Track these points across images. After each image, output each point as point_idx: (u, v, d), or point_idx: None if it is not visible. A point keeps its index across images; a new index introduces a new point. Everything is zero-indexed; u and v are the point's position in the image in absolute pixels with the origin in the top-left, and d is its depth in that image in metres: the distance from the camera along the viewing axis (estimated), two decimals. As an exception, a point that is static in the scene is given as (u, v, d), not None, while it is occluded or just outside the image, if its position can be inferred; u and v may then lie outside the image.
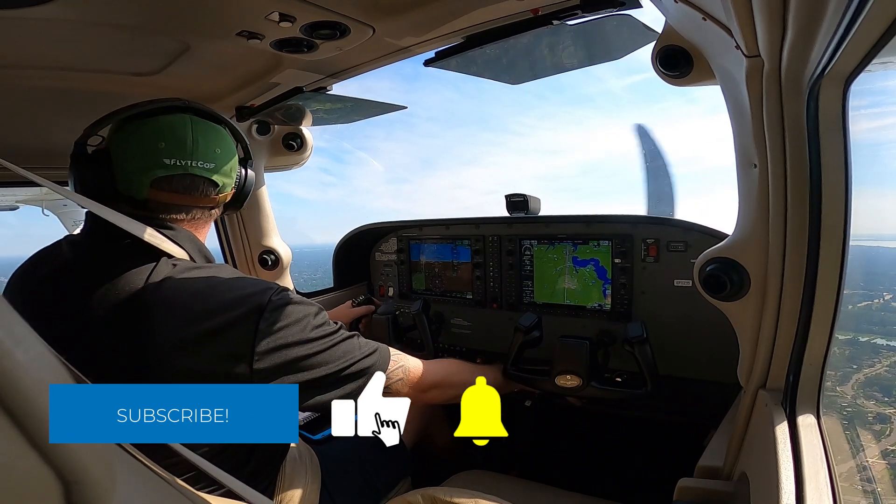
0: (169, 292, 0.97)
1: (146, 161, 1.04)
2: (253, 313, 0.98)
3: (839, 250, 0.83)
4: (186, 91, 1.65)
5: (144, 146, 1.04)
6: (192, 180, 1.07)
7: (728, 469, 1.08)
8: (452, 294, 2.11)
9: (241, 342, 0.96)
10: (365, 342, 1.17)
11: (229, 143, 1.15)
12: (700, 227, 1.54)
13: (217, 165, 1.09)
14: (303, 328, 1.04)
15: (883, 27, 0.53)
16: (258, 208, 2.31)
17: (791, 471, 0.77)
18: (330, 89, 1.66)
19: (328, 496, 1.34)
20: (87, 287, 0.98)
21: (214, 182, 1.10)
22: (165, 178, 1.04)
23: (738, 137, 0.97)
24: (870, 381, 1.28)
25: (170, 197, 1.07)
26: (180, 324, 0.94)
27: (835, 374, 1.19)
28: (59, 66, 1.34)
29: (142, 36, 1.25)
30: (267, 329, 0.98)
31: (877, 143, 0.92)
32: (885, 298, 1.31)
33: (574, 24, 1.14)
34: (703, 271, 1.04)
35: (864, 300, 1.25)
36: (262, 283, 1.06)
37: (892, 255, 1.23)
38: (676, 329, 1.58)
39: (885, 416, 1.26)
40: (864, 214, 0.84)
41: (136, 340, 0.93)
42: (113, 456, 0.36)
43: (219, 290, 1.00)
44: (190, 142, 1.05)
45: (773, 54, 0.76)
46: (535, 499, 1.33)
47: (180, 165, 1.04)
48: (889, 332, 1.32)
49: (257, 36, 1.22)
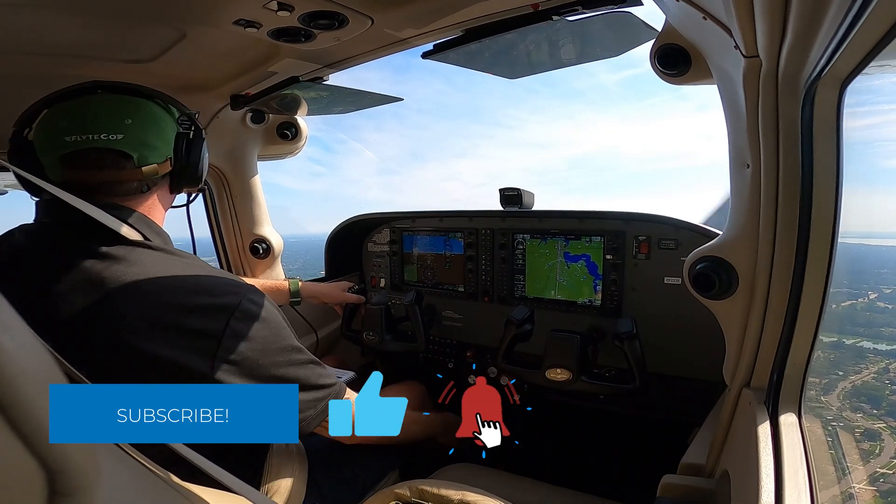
0: (136, 279, 0.95)
1: (51, 142, 1.01)
2: (224, 312, 0.97)
3: (827, 253, 0.84)
4: (180, 79, 1.63)
5: (49, 128, 1.02)
6: (98, 153, 1.01)
7: (710, 466, 1.09)
8: (444, 286, 2.12)
9: (207, 338, 0.95)
10: (325, 372, 1.16)
11: (151, 115, 1.08)
12: (691, 226, 1.55)
13: (126, 135, 1.02)
14: (271, 336, 1.03)
15: (883, 30, 0.53)
16: (251, 197, 2.30)
17: (771, 469, 0.78)
18: (326, 79, 1.64)
19: (315, 487, 1.34)
20: (44, 274, 0.97)
21: (125, 153, 1.03)
22: (70, 155, 1.00)
23: (733, 138, 0.97)
24: (856, 391, 1.24)
25: (82, 175, 1.02)
26: (149, 311, 0.94)
27: (819, 381, 1.15)
28: (52, 52, 1.32)
29: (138, 23, 1.23)
30: (235, 330, 0.97)
31: (869, 140, 0.92)
32: (869, 297, 1.29)
33: (574, 20, 1.14)
34: (693, 269, 1.05)
35: (848, 299, 1.23)
36: (237, 284, 1.05)
37: (878, 254, 1.22)
38: (665, 326, 1.59)
39: (875, 432, 1.20)
40: (853, 212, 0.84)
41: (100, 326, 0.93)
42: (96, 445, 0.36)
43: (190, 283, 0.99)
44: (91, 115, 1.00)
45: (771, 55, 0.76)
46: (521, 493, 1.34)
47: (81, 140, 0.99)
48: (876, 334, 1.30)
49: (255, 24, 1.20)
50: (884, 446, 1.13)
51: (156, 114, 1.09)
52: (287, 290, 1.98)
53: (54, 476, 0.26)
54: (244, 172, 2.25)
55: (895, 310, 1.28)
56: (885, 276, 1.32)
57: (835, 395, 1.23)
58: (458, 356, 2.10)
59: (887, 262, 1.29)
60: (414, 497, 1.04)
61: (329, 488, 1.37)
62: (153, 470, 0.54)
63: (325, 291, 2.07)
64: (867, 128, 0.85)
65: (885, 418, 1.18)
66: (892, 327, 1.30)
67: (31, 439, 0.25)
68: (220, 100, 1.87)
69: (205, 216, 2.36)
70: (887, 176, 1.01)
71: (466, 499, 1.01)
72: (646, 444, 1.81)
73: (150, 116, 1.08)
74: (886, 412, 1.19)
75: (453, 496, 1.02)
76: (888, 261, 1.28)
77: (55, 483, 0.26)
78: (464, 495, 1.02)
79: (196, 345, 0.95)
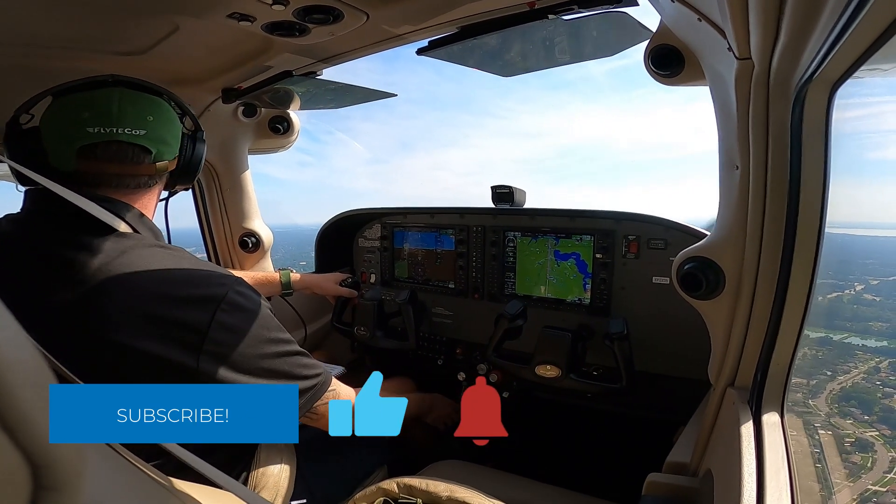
0: (124, 271, 0.95)
1: (70, 132, 1.01)
2: (210, 304, 0.97)
3: (812, 255, 0.85)
4: (172, 72, 1.61)
5: (68, 118, 1.02)
6: (120, 147, 1.03)
7: (694, 465, 1.11)
8: (434, 283, 2.12)
9: (193, 331, 0.95)
10: (312, 362, 1.16)
11: (167, 113, 1.11)
12: (681, 226, 1.56)
13: (149, 132, 1.05)
14: (258, 327, 1.03)
15: (875, 34, 0.54)
16: (241, 190, 2.28)
17: (753, 469, 0.79)
18: (320, 74, 1.63)
19: (304, 482, 1.33)
20: (31, 264, 0.97)
21: (146, 148, 1.06)
22: (90, 146, 1.00)
23: (723, 139, 0.98)
24: (846, 394, 1.19)
25: (98, 166, 1.03)
26: (137, 305, 0.93)
27: (807, 382, 1.12)
28: (43, 43, 1.30)
29: (130, 15, 1.21)
30: (221, 322, 0.97)
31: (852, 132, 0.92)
32: (856, 289, 1.25)
33: (569, 19, 1.14)
34: (681, 269, 1.06)
35: (833, 291, 1.18)
36: (223, 275, 1.05)
37: (864, 244, 1.17)
38: (653, 325, 1.61)
39: (866, 442, 1.11)
40: (836, 202, 0.84)
41: (85, 320, 0.92)
42: None
43: (178, 275, 0.99)
44: (115, 109, 1.02)
45: (763, 57, 0.77)
46: (509, 490, 1.34)
47: (105, 133, 1.00)
48: (865, 329, 1.25)
49: (249, 18, 1.19)
50: (876, 458, 1.08)
51: (170, 112, 1.12)
52: (278, 282, 1.98)
53: (39, 470, 0.26)
54: (235, 166, 2.24)
55: (884, 303, 1.25)
56: (871, 266, 1.29)
57: (822, 399, 1.19)
58: (448, 353, 2.10)
59: (873, 252, 1.25)
60: (402, 493, 1.04)
61: (317, 484, 1.37)
62: (138, 465, 0.54)
63: (318, 283, 2.07)
64: (853, 119, 0.84)
65: (877, 425, 1.13)
66: (882, 321, 1.26)
67: (15, 433, 0.25)
68: (211, 93, 1.85)
69: (193, 210, 2.34)
70: (872, 167, 1.01)
71: (455, 495, 1.01)
72: (633, 442, 1.83)
73: (167, 114, 1.11)
74: (879, 418, 1.14)
75: (441, 492, 1.02)
76: (874, 251, 1.24)
77: (41, 477, 0.26)
78: (452, 492, 1.02)
79: (182, 338, 0.95)
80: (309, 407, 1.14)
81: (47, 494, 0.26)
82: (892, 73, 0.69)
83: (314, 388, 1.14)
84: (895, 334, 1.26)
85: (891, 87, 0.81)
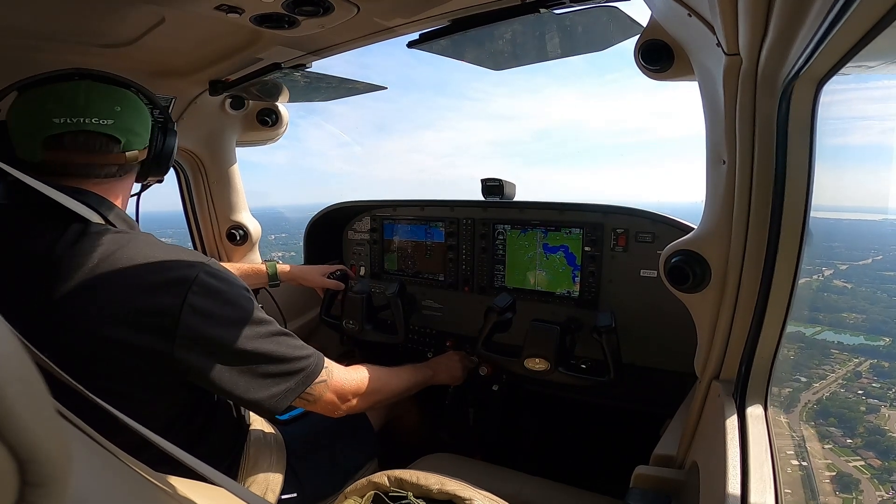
0: (97, 263, 0.94)
1: (37, 123, 1.00)
2: (180, 287, 0.96)
3: (796, 249, 0.87)
4: (157, 63, 1.59)
5: (34, 109, 1.01)
6: (88, 136, 1.02)
7: (681, 458, 1.12)
8: (424, 276, 2.11)
9: (165, 316, 0.94)
10: (300, 343, 1.15)
11: (135, 103, 1.10)
12: (668, 220, 1.58)
13: (117, 121, 1.05)
14: (232, 309, 1.02)
15: (861, 32, 0.54)
16: (228, 183, 2.26)
17: (738, 461, 0.80)
18: (309, 66, 1.61)
19: (294, 477, 1.33)
20: (4, 259, 0.96)
21: (115, 138, 1.05)
22: (57, 136, 1.00)
23: (711, 134, 0.99)
24: (823, 408, 1.09)
25: (66, 156, 1.02)
26: (111, 297, 0.93)
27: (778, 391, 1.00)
28: (25, 35, 1.27)
29: (115, 6, 1.18)
30: (193, 305, 0.96)
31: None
32: (824, 274, 1.16)
33: (561, 13, 1.14)
34: (669, 262, 1.07)
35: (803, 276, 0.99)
36: (193, 256, 1.04)
37: (825, 226, 1.00)
38: (640, 318, 1.62)
39: (851, 480, 0.97)
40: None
41: (63, 312, 0.92)
42: (68, 435, 0.35)
43: (149, 262, 0.98)
44: (82, 101, 1.01)
45: (752, 53, 0.78)
46: (499, 482, 1.36)
47: (72, 123, 1.00)
48: (837, 321, 1.14)
49: (237, 10, 1.17)
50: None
51: (139, 103, 1.12)
52: (265, 273, 1.96)
53: (25, 465, 0.25)
54: (222, 158, 2.21)
55: (856, 290, 1.16)
56: (837, 250, 1.19)
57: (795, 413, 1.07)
58: (438, 345, 2.11)
59: (836, 234, 1.14)
60: (393, 486, 1.04)
61: (308, 477, 1.37)
62: (125, 460, 0.53)
63: (304, 274, 2.05)
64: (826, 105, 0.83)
65: (861, 451, 0.99)
66: (857, 312, 1.16)
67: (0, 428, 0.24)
68: (198, 85, 1.82)
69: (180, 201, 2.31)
70: (830, 151, 0.95)
71: (445, 488, 1.01)
72: (621, 435, 1.85)
73: (135, 105, 1.10)
74: (865, 444, 0.98)
75: (432, 485, 1.02)
76: (837, 233, 1.13)
77: (26, 473, 0.26)
78: (443, 484, 1.02)
79: (155, 324, 0.94)
80: (302, 390, 1.12)
81: (34, 490, 0.26)
82: (877, 70, 0.70)
83: (305, 369, 1.12)
84: (874, 328, 1.16)
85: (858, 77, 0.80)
